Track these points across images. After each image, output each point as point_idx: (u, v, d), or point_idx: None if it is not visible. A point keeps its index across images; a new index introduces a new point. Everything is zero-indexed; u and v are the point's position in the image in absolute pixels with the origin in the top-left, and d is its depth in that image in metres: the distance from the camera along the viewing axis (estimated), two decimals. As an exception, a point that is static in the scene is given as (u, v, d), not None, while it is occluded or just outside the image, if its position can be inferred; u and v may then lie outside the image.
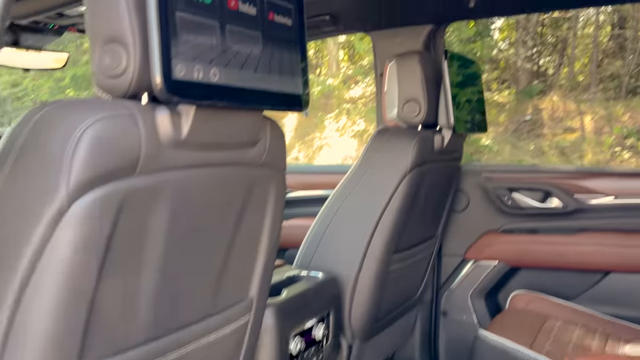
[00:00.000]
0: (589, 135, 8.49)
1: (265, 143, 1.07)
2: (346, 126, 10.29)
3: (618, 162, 7.81)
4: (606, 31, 10.60)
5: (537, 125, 9.10)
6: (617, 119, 8.63)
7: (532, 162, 8.28)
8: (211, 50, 0.85)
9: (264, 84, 0.96)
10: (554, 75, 10.46)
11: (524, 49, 10.02)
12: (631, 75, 9.46)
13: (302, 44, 1.06)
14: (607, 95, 9.48)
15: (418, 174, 1.68)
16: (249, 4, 0.92)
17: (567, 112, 9.25)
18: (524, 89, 9.73)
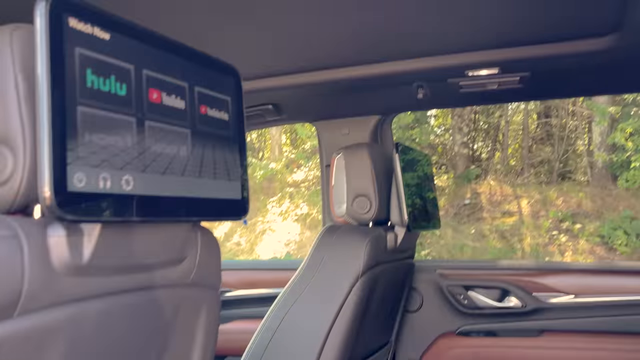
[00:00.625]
0: (527, 218, 8.68)
1: (195, 258, 0.88)
2: (289, 210, 10.16)
3: (556, 246, 7.96)
4: (533, 119, 11.19)
5: (477, 209, 9.26)
6: (552, 202, 8.90)
7: (473, 246, 8.33)
8: (124, 152, 0.67)
9: (193, 191, 0.79)
10: (488, 159, 10.84)
11: (460, 135, 10.38)
12: (560, 161, 9.90)
13: (241, 140, 0.91)
14: (540, 179, 9.84)
15: (371, 277, 1.52)
16: (176, 97, 0.77)
17: (504, 196, 9.49)
18: (462, 173, 9.98)
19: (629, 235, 7.45)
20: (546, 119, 10.85)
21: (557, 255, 7.77)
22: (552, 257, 7.71)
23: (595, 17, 1.30)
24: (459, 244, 8.34)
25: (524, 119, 10.88)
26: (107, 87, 0.66)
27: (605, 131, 8.53)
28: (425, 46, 1.52)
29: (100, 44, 0.66)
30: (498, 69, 1.58)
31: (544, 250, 7.88)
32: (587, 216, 8.43)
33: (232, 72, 0.90)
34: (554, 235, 8.10)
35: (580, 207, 8.66)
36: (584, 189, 9.02)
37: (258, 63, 1.64)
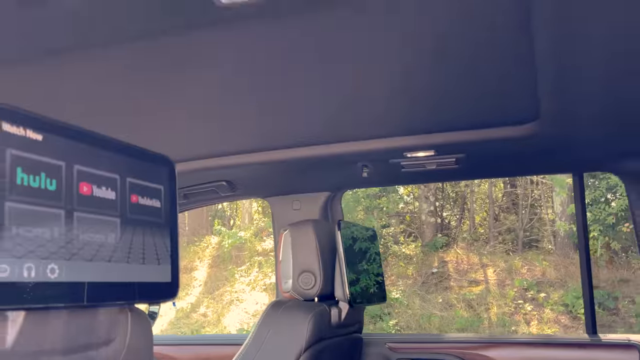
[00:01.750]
0: (493, 287, 8.75)
1: (125, 339, 0.91)
2: (257, 279, 10.06)
3: (522, 314, 8.01)
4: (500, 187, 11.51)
5: (444, 278, 9.32)
6: (517, 271, 9.02)
7: (441, 315, 8.32)
8: (50, 243, 0.73)
9: (121, 276, 0.84)
10: (456, 228, 11.01)
11: (427, 204, 10.57)
12: (525, 229, 10.12)
13: (172, 225, 0.97)
14: (505, 247, 10.00)
15: (314, 352, 1.55)
16: (107, 188, 0.83)
17: (470, 265, 9.59)
18: (429, 242, 10.09)
19: (592, 304, 7.55)
20: (511, 189, 11.17)
21: (522, 324, 7.80)
22: (517, 326, 7.74)
23: (516, 107, 1.43)
24: (427, 314, 8.33)
25: (489, 188, 11.18)
26: (37, 183, 0.72)
27: (566, 201, 8.81)
28: (366, 130, 1.63)
29: (32, 145, 0.72)
30: (434, 151, 1.70)
31: (510, 319, 7.92)
32: (551, 284, 8.55)
33: (165, 162, 0.97)
34: (519, 304, 8.17)
35: (545, 275, 8.79)
36: (548, 257, 9.19)
37: (210, 143, 1.73)
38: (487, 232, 10.65)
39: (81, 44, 1.03)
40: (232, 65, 1.19)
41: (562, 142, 1.63)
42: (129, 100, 1.35)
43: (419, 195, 10.70)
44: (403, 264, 9.54)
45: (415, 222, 10.98)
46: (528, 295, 8.32)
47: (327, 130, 1.62)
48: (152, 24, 1.00)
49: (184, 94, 1.34)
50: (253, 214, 12.11)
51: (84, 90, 1.27)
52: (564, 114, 1.41)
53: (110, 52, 1.09)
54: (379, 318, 8.25)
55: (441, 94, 1.36)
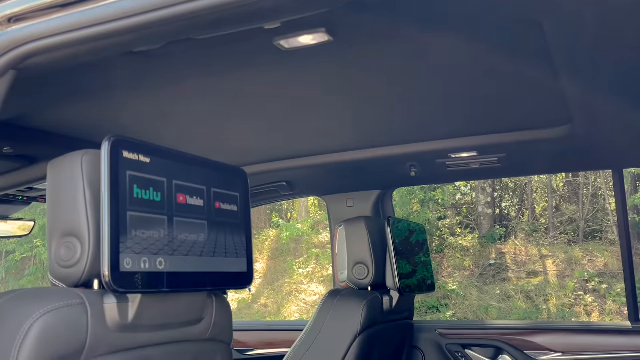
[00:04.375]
0: (552, 279, 8.65)
1: (211, 319, 1.13)
2: (315, 271, 10.28)
3: (582, 306, 7.90)
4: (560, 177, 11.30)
5: (502, 269, 9.27)
6: (578, 262, 8.87)
7: (499, 307, 8.31)
8: (158, 242, 0.95)
9: (209, 267, 1.05)
10: (515, 219, 10.89)
11: (484, 195, 10.49)
12: (586, 220, 9.90)
13: (247, 226, 1.18)
14: (566, 239, 9.83)
15: (368, 335, 1.73)
16: (197, 197, 1.05)
17: (529, 256, 9.49)
18: (487, 234, 10.02)
19: (653, 296, 7.38)
20: (573, 178, 10.94)
21: (583, 316, 7.71)
22: (578, 318, 7.65)
23: (549, 111, 1.56)
24: (484, 305, 8.35)
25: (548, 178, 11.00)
26: (147, 196, 0.94)
27: (629, 190, 8.59)
28: (414, 134, 1.80)
29: (143, 166, 0.94)
30: (476, 152, 1.84)
31: (570, 311, 7.83)
32: (613, 276, 8.38)
33: (240, 173, 1.18)
34: (579, 295, 8.06)
35: (607, 266, 8.62)
36: (610, 248, 8.99)
37: (273, 148, 1.94)
38: (547, 222, 10.49)
39: (177, 79, 1.26)
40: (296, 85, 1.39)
41: (597, 141, 1.74)
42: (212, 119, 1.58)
43: (476, 187, 10.64)
44: (460, 256, 9.55)
45: (472, 214, 10.93)
46: (589, 287, 8.20)
47: (378, 134, 1.80)
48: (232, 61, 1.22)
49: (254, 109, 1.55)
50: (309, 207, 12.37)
51: (179, 115, 1.52)
52: (595, 116, 1.53)
53: (201, 85, 1.33)
54: (436, 309, 8.34)
55: (481, 101, 1.51)
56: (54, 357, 0.82)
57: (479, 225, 10.42)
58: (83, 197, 0.93)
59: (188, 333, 1.08)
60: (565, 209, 10.69)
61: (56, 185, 0.97)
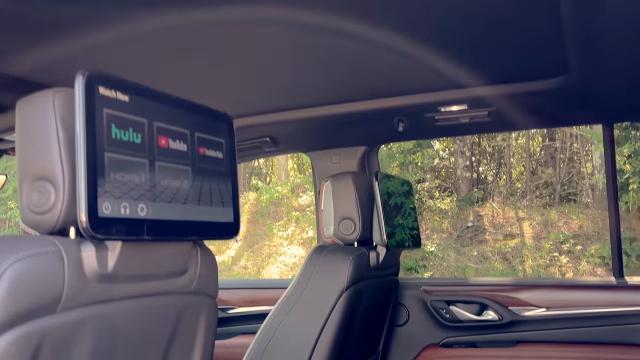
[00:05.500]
0: (528, 240, 8.80)
1: (196, 271, 1.08)
2: (295, 234, 10.32)
3: (557, 267, 8.07)
4: (538, 142, 11.37)
5: (479, 232, 9.39)
6: (553, 224, 9.03)
7: (476, 268, 8.44)
8: (139, 186, 0.88)
9: (193, 215, 0.99)
10: (492, 182, 11.00)
11: (463, 159, 10.54)
12: (562, 183, 10.04)
13: (233, 174, 1.12)
14: (542, 202, 9.98)
15: (355, 291, 1.70)
16: (180, 141, 0.98)
17: (506, 219, 9.62)
18: (465, 197, 10.12)
19: (629, 256, 7.56)
20: (550, 142, 11.03)
21: (558, 276, 7.87)
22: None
23: (545, 61, 1.51)
24: (462, 266, 8.47)
25: (526, 142, 11.07)
26: (127, 137, 0.87)
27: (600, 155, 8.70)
28: (401, 86, 1.73)
29: (121, 105, 0.87)
30: (467, 105, 1.79)
31: (545, 272, 7.99)
32: (588, 237, 8.55)
33: (225, 119, 1.11)
34: (555, 256, 8.22)
35: (582, 228, 8.78)
36: (585, 210, 9.15)
37: (256, 101, 1.86)
38: (524, 185, 10.61)
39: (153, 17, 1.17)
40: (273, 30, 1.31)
41: (591, 94, 1.70)
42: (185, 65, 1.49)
43: (455, 150, 10.67)
44: (438, 218, 9.64)
45: (451, 177, 11.00)
46: (564, 248, 8.36)
47: (364, 86, 1.73)
48: None
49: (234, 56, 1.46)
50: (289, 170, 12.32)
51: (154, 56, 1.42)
52: (593, 66, 1.48)
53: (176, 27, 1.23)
54: (414, 271, 8.44)
55: (472, 50, 1.44)
56: (27, 309, 0.76)
57: (457, 188, 10.49)
58: (56, 137, 0.86)
59: (172, 285, 1.03)
60: (542, 172, 10.81)
61: (26, 125, 0.89)
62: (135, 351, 0.98)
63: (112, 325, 0.91)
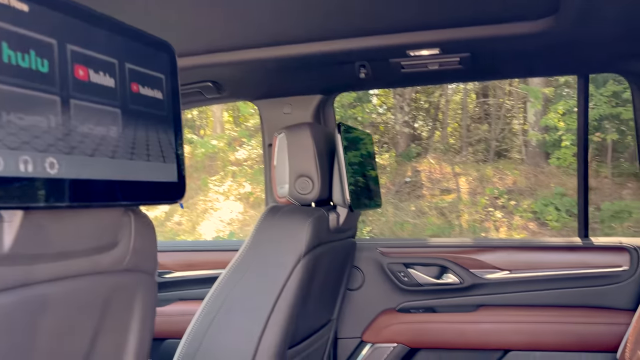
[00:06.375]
0: (465, 196, 8.94)
1: (129, 244, 0.84)
2: (231, 189, 10.06)
3: (491, 222, 8.25)
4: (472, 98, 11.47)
5: (417, 187, 9.46)
6: (489, 180, 9.20)
7: (414, 223, 8.51)
8: (47, 133, 0.63)
9: (125, 173, 0.75)
10: (428, 138, 11.06)
11: (402, 114, 10.51)
12: (497, 140, 10.22)
13: (176, 120, 0.87)
14: (477, 157, 10.13)
15: (313, 257, 1.52)
16: (105, 74, 0.72)
17: (443, 174, 9.73)
18: (403, 152, 10.13)
19: (560, 211, 7.81)
20: (484, 99, 11.15)
21: (492, 231, 8.06)
22: (487, 233, 7.99)
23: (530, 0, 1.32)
24: (400, 221, 8.51)
25: (462, 98, 11.14)
26: (26, 62, 0.61)
27: (539, 111, 8.85)
28: (367, 24, 1.51)
29: (17, 16, 0.60)
30: (439, 49, 1.59)
31: (481, 226, 8.16)
32: (521, 193, 8.77)
33: (165, 49, 0.86)
34: (490, 211, 8.39)
35: (515, 184, 8.99)
36: (519, 166, 9.36)
37: (196, 39, 1.59)
38: (460, 142, 10.73)
39: None
40: None
41: (571, 41, 1.54)
42: None
43: (394, 105, 10.61)
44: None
45: (389, 132, 10.96)
46: (498, 203, 8.54)
47: (321, 25, 1.50)
48: None
49: None
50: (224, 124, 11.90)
51: None
52: (582, 10, 1.32)
53: None
54: (353, 226, 8.40)
55: None
56: None
57: (396, 143, 10.47)
58: None
59: (98, 263, 0.79)
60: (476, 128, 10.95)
61: None
62: (55, 346, 0.75)
63: (22, 318, 0.67)
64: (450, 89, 11.12)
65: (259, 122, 2.18)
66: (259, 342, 1.45)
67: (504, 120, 10.44)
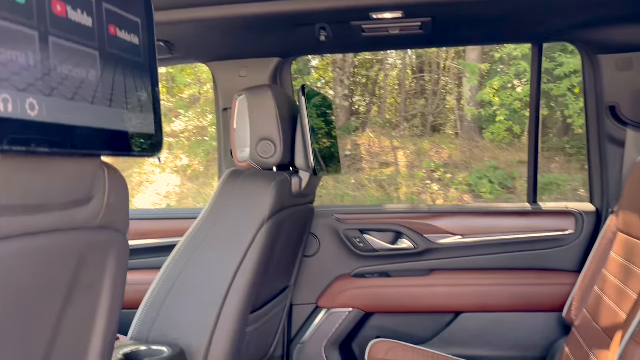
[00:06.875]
0: (403, 169, 9.11)
1: (103, 199, 0.79)
2: (168, 161, 9.81)
3: (429, 194, 8.46)
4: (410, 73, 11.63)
5: (357, 160, 9.55)
6: (426, 153, 9.41)
7: (354, 195, 8.61)
8: (27, 71, 0.57)
9: (104, 121, 0.70)
10: (367, 113, 11.16)
11: (342, 87, 10.53)
12: (433, 115, 10.44)
13: (153, 69, 0.82)
14: (415, 132, 10.33)
15: (276, 222, 1.49)
16: (82, 12, 0.66)
17: (382, 148, 9.86)
18: (343, 126, 10.17)
19: (493, 183, 8.11)
20: (420, 74, 11.32)
21: (429, 203, 8.27)
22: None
23: None
24: (340, 194, 8.58)
25: (400, 73, 11.27)
26: (2, -10, 0.55)
27: (475, 87, 9.09)
28: None
29: None
30: (402, 12, 1.58)
31: (418, 199, 8.35)
32: (456, 166, 9.03)
33: None
34: (427, 184, 8.60)
35: (451, 158, 9.24)
36: (454, 141, 9.62)
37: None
38: (397, 117, 10.89)
39: None
40: None
41: (528, 8, 1.57)
42: None
43: (335, 79, 10.61)
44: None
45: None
46: (435, 176, 8.76)
47: None
48: None
49: None
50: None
51: None
52: None
53: None
54: (293, 198, 8.40)
55: None
56: None
57: (336, 117, 10.50)
58: None
59: (72, 219, 0.74)
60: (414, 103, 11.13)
61: None
62: (29, 303, 0.70)
63: None
64: (389, 64, 11.22)
65: (197, 93, 2.11)
66: (221, 307, 1.42)
67: (440, 96, 10.68)
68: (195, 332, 1.41)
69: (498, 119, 8.38)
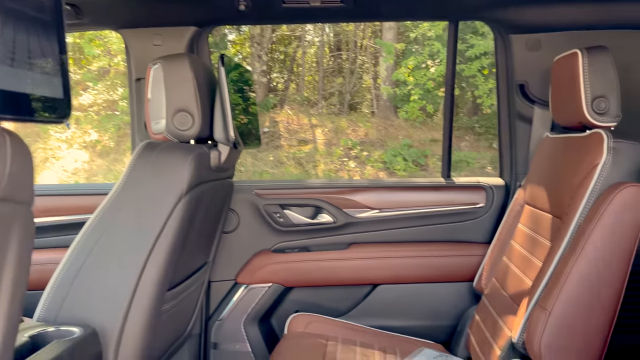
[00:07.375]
0: (321, 147, 9.18)
1: (4, 168, 0.73)
2: (75, 136, 9.32)
3: (346, 171, 8.60)
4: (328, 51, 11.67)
5: (275, 137, 9.51)
6: (343, 131, 9.53)
7: (272, 173, 8.59)
8: None
9: (5, 83, 0.64)
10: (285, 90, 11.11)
11: (260, 63, 10.39)
12: (350, 93, 10.57)
13: (59, 28, 0.75)
14: (333, 110, 10.42)
15: (194, 196, 1.45)
16: (-23, -43, 0.60)
17: (300, 125, 9.88)
18: (261, 102, 10.08)
19: (407, 161, 8.36)
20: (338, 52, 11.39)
21: (346, 178, 8.41)
22: (342, 182, 8.31)
23: None
24: (259, 171, 8.53)
25: (318, 51, 11.28)
26: None
27: (391, 67, 9.27)
28: None
29: None
30: None
31: (336, 176, 8.47)
32: (372, 144, 9.22)
33: None
34: (344, 161, 8.73)
35: (367, 136, 9.42)
36: (371, 119, 9.80)
37: None
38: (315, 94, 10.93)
39: None
40: None
41: None
42: None
43: (253, 54, 10.44)
44: (234, 123, 9.47)
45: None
46: (352, 154, 8.90)
47: None
48: None
49: None
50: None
51: None
52: None
53: None
54: (211, 175, 8.25)
55: None
56: None
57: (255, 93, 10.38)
58: None
59: None
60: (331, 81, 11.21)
61: None
62: None
63: None
64: (307, 41, 11.19)
65: (107, 65, 2.00)
66: (136, 285, 1.36)
67: (357, 75, 10.81)
68: (109, 311, 1.35)
69: (412, 98, 8.61)
